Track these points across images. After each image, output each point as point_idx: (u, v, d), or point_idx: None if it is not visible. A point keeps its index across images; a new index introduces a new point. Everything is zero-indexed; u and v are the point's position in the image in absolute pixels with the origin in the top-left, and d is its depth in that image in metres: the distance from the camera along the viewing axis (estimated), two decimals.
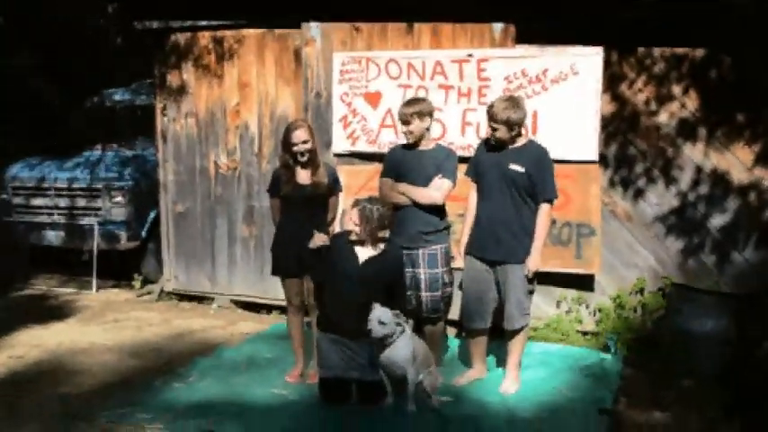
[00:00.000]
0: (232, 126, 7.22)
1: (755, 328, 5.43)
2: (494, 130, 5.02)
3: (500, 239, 5.04)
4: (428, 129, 5.25)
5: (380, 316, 4.70)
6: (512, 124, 4.94)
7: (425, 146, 5.27)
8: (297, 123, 5.37)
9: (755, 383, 5.12)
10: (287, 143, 5.25)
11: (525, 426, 4.66)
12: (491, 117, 4.99)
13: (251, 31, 7.08)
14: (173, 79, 7.46)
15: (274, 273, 5.55)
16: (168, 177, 7.57)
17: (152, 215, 8.12)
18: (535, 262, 5.00)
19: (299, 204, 5.30)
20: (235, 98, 7.20)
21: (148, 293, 7.93)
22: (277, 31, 6.97)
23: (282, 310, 6.83)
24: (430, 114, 5.23)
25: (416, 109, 5.16)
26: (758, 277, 5.80)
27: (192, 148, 7.43)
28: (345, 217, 5.51)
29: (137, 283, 8.21)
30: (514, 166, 4.98)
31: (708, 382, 5.30)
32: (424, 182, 5.22)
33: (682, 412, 4.88)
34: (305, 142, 5.21)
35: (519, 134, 5.06)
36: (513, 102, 5.02)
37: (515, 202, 5.01)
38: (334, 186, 5.46)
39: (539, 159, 5.03)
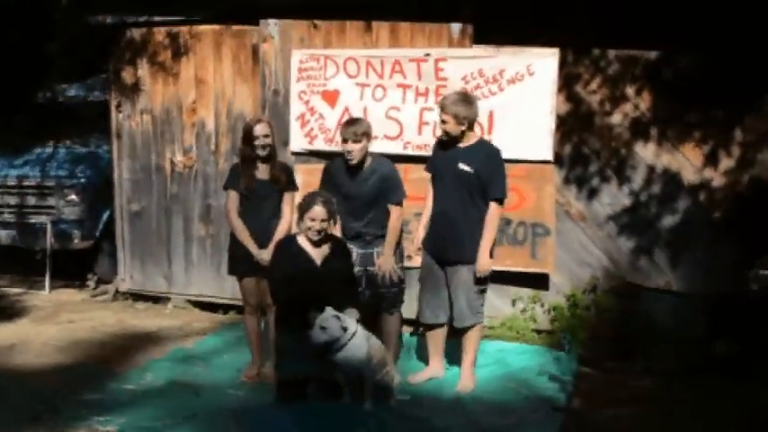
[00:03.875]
0: (188, 123, 7.40)
1: (706, 327, 5.81)
2: (443, 122, 5.27)
3: (450, 239, 5.30)
4: (366, 148, 5.39)
5: (322, 321, 4.80)
6: (460, 118, 5.17)
7: (365, 163, 5.45)
8: (259, 118, 5.71)
9: (712, 381, 5.53)
10: (249, 137, 5.49)
11: (481, 424, 4.86)
12: (441, 108, 5.26)
13: (208, 26, 7.25)
14: (128, 75, 7.58)
15: (231, 272, 5.76)
16: (123, 175, 7.72)
17: (106, 214, 8.24)
18: (483, 263, 5.23)
19: (258, 199, 5.53)
20: (191, 95, 7.37)
21: (103, 294, 8.06)
22: (234, 27, 7.16)
23: (239, 309, 6.95)
24: (367, 136, 5.40)
25: (355, 130, 5.33)
26: (708, 276, 6.13)
27: (147, 146, 7.59)
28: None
29: (91, 283, 8.35)
30: (463, 166, 5.22)
31: (659, 380, 5.62)
32: (365, 202, 5.41)
33: (635, 409, 5.12)
34: (266, 136, 5.49)
35: (470, 129, 5.28)
36: (465, 97, 5.30)
37: (465, 201, 5.25)
38: (289, 183, 5.69)
39: (488, 158, 5.26)
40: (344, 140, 5.39)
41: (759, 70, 5.89)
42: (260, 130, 5.48)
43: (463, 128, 5.24)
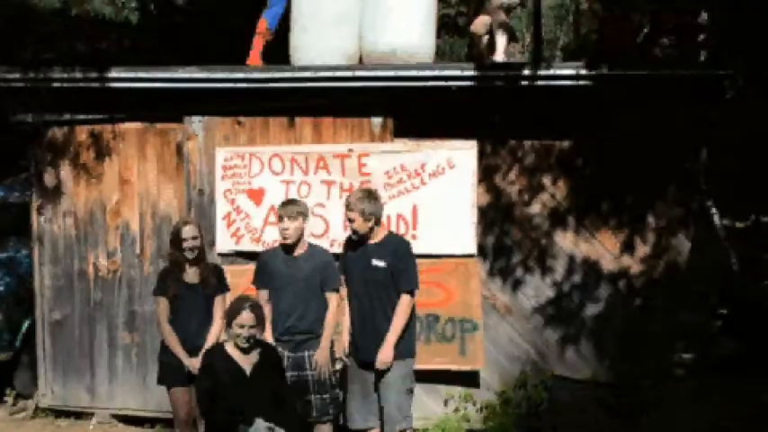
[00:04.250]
0: (112, 225, 7.73)
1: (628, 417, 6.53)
2: (350, 220, 5.70)
3: (372, 340, 5.68)
4: (302, 230, 5.96)
5: None
6: (367, 215, 5.63)
7: (301, 249, 5.99)
8: (186, 219, 6.02)
9: None
10: (176, 239, 5.84)
11: None
12: (347, 207, 5.68)
13: (131, 125, 7.66)
14: (49, 176, 7.89)
15: (160, 382, 5.99)
16: (44, 282, 7.91)
17: (26, 324, 8.42)
18: (385, 354, 5.59)
19: (188, 305, 5.83)
20: (115, 196, 7.74)
21: (22, 410, 8.17)
22: (158, 125, 7.60)
23: (167, 422, 7.22)
24: (302, 215, 5.95)
25: (292, 207, 5.91)
26: (629, 365, 6.77)
27: (70, 250, 7.86)
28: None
29: (9, 399, 8.43)
30: (376, 261, 5.66)
31: None
32: (301, 290, 5.90)
33: None
34: (194, 238, 5.84)
35: (377, 224, 5.77)
36: (369, 193, 5.75)
37: (382, 300, 5.67)
38: (220, 286, 6.07)
39: (397, 251, 5.71)
40: (280, 218, 5.82)
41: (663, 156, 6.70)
42: (188, 232, 5.85)
43: (370, 224, 5.69)
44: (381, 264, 5.71)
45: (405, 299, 5.71)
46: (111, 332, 7.87)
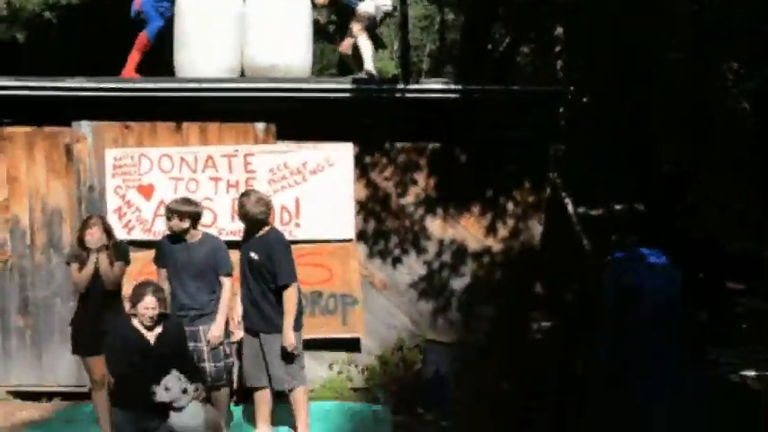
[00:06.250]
0: (2, 220, 7.97)
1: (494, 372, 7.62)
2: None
3: (257, 314, 6.46)
4: (188, 227, 6.57)
5: (166, 382, 5.72)
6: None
7: (192, 238, 6.59)
8: (91, 221, 6.56)
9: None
10: (80, 238, 6.43)
11: None
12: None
13: (19, 128, 7.91)
14: None
15: (75, 351, 6.53)
16: None
17: None
18: (287, 340, 6.35)
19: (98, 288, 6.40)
20: (3, 193, 7.96)
21: None
22: (47, 128, 7.89)
23: (64, 396, 7.81)
24: (190, 217, 6.55)
25: (176, 208, 6.56)
26: (491, 328, 7.86)
27: None
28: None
29: None
30: (253, 254, 6.40)
31: (460, 418, 7.28)
32: (195, 272, 6.51)
33: None
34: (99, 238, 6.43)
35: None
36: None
37: (260, 285, 6.41)
38: (121, 256, 6.62)
39: (270, 247, 6.40)
40: (169, 217, 6.55)
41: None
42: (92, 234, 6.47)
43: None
44: (256, 256, 6.48)
45: (285, 293, 6.46)
46: (5, 316, 8.18)
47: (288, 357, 6.47)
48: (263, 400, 6.72)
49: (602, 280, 6.36)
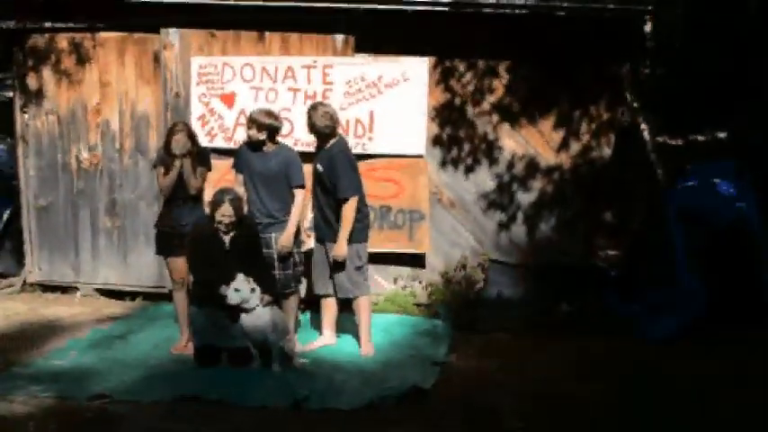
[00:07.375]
0: (93, 123, 8.33)
1: (554, 293, 7.59)
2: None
3: (324, 224, 6.61)
4: (265, 140, 6.66)
5: (236, 284, 5.99)
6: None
7: (269, 148, 6.71)
8: (177, 128, 6.76)
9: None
10: (168, 145, 6.65)
11: (373, 376, 6.11)
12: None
13: (111, 34, 8.18)
14: (32, 80, 8.41)
15: (159, 252, 6.87)
16: (29, 173, 8.55)
17: (7, 213, 8.97)
18: (338, 250, 6.47)
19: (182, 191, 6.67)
20: (95, 97, 8.31)
21: (10, 286, 8.75)
22: (136, 34, 8.14)
23: (146, 296, 8.21)
24: (268, 129, 6.64)
25: (256, 118, 6.65)
26: (554, 250, 7.79)
27: (53, 145, 8.46)
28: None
29: None
30: (319, 166, 6.54)
31: (518, 336, 7.24)
32: (267, 181, 6.65)
33: (497, 359, 6.61)
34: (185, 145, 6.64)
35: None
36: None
37: (327, 195, 6.53)
38: (204, 162, 6.83)
39: (330, 161, 6.50)
40: (249, 126, 6.67)
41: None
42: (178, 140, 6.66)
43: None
44: (321, 168, 6.61)
45: (344, 206, 6.53)
46: (94, 217, 8.57)
47: (352, 266, 6.59)
48: (329, 307, 6.89)
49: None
